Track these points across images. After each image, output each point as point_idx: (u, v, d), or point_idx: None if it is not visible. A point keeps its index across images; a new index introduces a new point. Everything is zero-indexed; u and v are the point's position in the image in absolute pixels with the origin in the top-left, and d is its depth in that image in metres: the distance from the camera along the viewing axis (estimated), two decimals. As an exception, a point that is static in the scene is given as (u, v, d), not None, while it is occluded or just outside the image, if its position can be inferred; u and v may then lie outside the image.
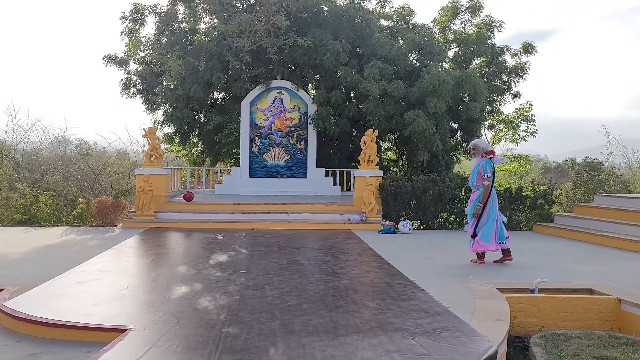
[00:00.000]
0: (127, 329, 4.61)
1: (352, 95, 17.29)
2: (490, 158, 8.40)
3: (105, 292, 6.05)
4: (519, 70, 17.87)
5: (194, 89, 16.22)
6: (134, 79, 18.11)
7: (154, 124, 18.40)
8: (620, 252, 9.90)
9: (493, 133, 19.94)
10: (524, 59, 17.96)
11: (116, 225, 13.12)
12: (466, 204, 13.34)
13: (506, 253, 8.52)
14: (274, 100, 16.77)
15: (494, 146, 20.49)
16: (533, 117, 19.77)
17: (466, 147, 17.71)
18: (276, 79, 16.83)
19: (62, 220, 14.17)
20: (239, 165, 17.03)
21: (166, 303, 5.56)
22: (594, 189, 16.60)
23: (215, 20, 16.68)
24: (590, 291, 6.63)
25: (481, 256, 8.53)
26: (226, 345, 4.25)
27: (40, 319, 4.97)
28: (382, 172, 14.01)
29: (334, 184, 16.75)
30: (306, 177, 16.67)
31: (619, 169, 20.16)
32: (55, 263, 7.91)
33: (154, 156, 13.74)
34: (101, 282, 6.63)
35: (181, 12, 17.61)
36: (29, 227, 13.09)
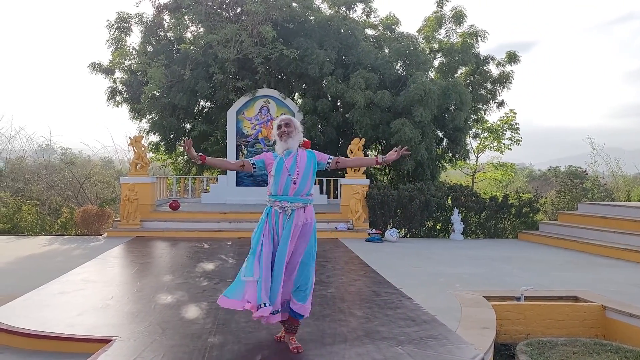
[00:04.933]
0: (111, 340, 4.55)
1: (338, 104, 17.33)
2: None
3: (89, 303, 5.97)
4: (503, 80, 18.05)
5: (179, 98, 16.17)
6: (120, 87, 18.01)
7: (140, 132, 18.31)
8: (604, 260, 10.00)
9: (478, 142, 20.08)
10: (508, 68, 18.17)
11: (101, 235, 12.99)
12: (452, 212, 13.47)
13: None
14: (260, 109, 16.75)
15: (479, 154, 20.48)
16: (517, 126, 19.94)
17: (447, 150, 17.67)
18: (263, 87, 16.83)
19: (45, 230, 13.99)
20: (225, 174, 16.98)
21: (151, 313, 5.51)
22: (578, 197, 16.79)
23: (202, 29, 16.68)
24: (575, 298, 6.68)
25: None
26: (212, 355, 4.22)
27: (23, 330, 4.89)
28: (369, 180, 14.06)
29: (321, 192, 16.75)
30: (293, 186, 16.59)
31: (602, 177, 20.41)
32: (39, 273, 7.81)
33: (139, 165, 13.64)
34: (85, 292, 6.55)
35: (167, 21, 17.59)
36: (12, 236, 12.91)
